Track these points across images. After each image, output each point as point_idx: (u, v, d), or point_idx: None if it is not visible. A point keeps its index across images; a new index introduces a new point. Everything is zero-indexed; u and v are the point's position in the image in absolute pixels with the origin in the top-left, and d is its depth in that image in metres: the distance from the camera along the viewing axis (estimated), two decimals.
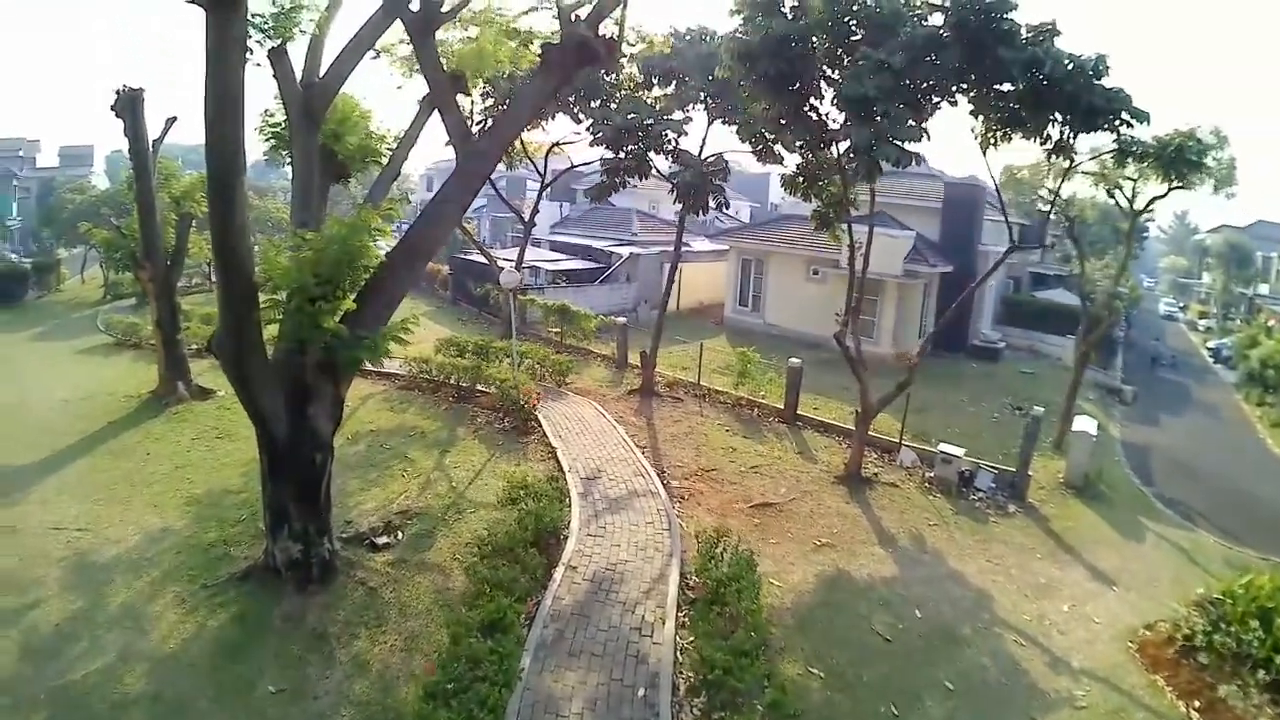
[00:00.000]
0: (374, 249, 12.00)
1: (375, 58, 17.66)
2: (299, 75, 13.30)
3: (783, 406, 22.63)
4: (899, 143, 15.06)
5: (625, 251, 41.14)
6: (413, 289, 41.99)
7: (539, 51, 13.25)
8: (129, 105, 21.43)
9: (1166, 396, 35.70)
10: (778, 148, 19.18)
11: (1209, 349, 53.38)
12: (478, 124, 28.66)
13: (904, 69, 14.98)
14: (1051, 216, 29.22)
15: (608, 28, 13.61)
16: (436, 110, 13.64)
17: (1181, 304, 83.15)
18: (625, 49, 24.30)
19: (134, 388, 24.11)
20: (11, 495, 16.32)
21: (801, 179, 18.97)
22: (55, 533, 14.66)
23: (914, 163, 15.62)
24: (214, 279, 12.56)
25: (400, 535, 14.68)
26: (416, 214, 14.73)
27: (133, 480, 17.46)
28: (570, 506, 15.73)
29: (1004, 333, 39.27)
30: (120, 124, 21.63)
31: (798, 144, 17.98)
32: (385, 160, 14.93)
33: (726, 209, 26.27)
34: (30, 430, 20.62)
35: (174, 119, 23.46)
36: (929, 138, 15.48)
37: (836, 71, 16.59)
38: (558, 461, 18.34)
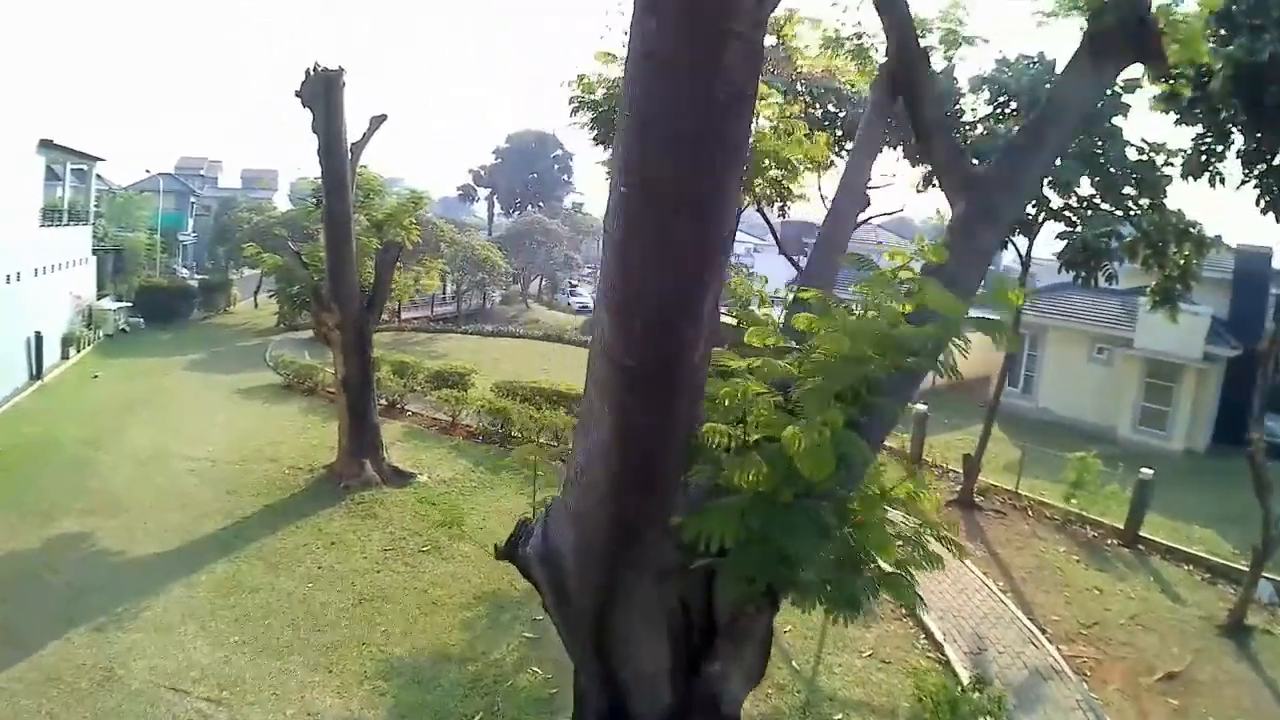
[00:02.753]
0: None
1: None
2: None
3: (1122, 526, 18.72)
4: None
5: None
6: None
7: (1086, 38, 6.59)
8: (322, 91, 15.54)
9: None
10: None
11: None
12: None
13: None
14: None
15: None
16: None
17: None
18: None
19: (304, 454, 17.87)
20: (117, 610, 11.40)
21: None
22: (172, 697, 9.68)
23: None
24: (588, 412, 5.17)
25: None
26: None
27: (295, 616, 11.57)
28: None
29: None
30: (308, 117, 15.83)
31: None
32: None
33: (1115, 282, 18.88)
34: (160, 501, 15.08)
35: (383, 117, 17.62)
36: None
37: None
38: (921, 625, 13.08)
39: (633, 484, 4.43)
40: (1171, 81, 7.84)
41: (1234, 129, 13.75)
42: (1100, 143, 16.38)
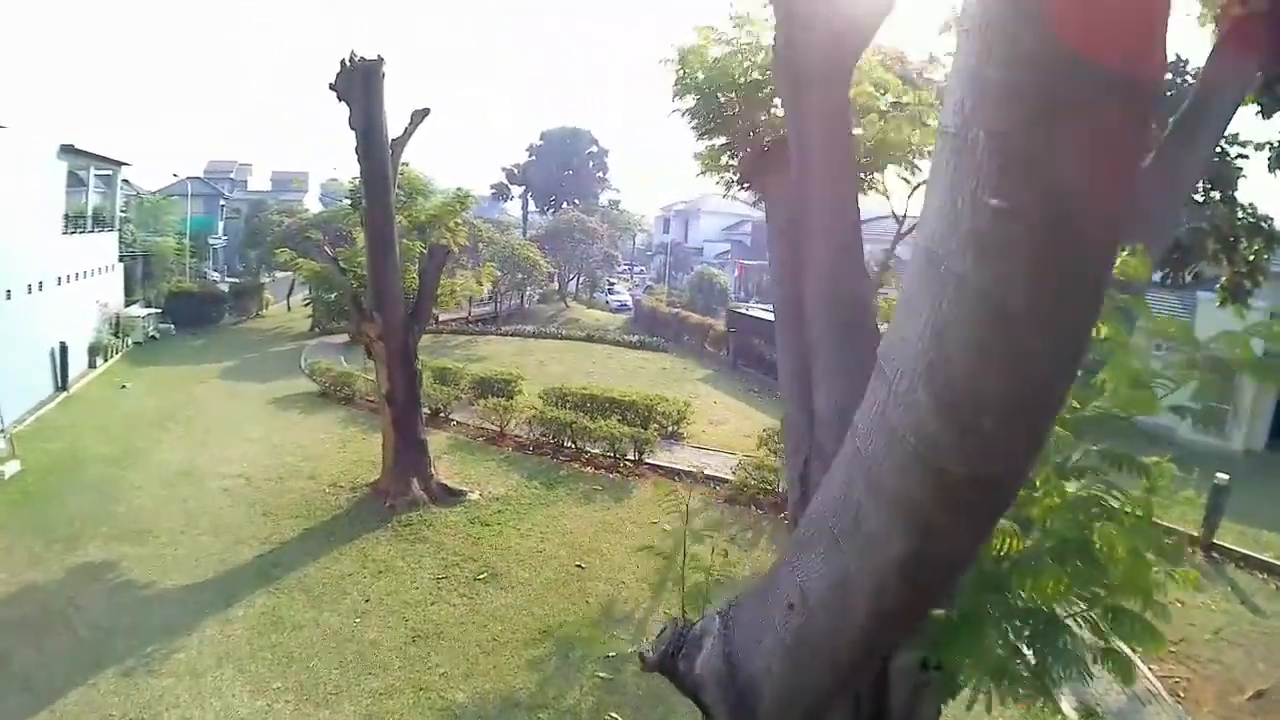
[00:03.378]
0: None
1: None
2: None
3: (1197, 533, 17.51)
4: None
5: None
6: (676, 344, 36.09)
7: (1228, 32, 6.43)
8: (361, 81, 14.20)
9: None
10: None
11: None
12: None
13: None
14: None
15: None
16: None
17: None
18: None
19: (344, 471, 16.64)
20: (146, 652, 10.24)
21: None
22: None
23: None
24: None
25: None
26: None
27: (343, 656, 10.37)
28: None
29: None
30: (344, 111, 14.48)
31: None
32: None
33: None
34: (192, 525, 13.90)
35: (425, 111, 16.09)
36: None
37: None
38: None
39: (902, 621, 3.00)
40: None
41: None
42: None
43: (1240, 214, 15.25)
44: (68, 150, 24.39)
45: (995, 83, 1.96)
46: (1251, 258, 16.23)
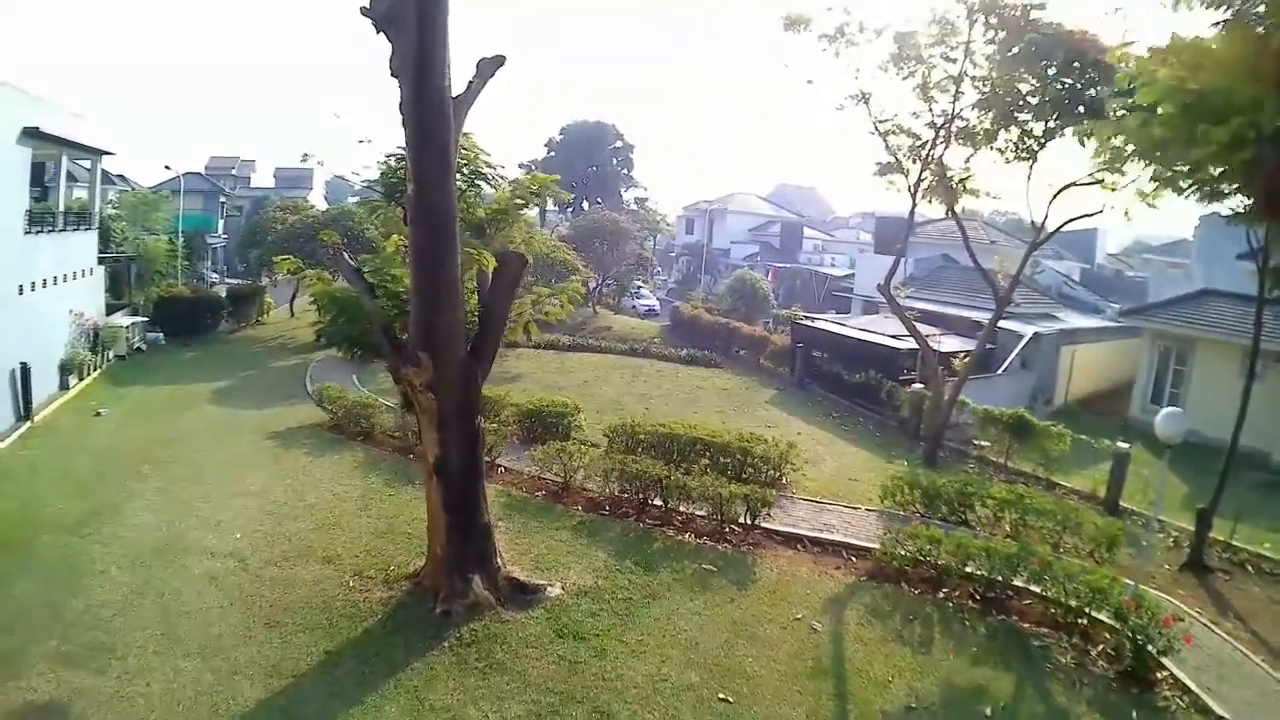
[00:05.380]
0: None
1: None
2: None
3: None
4: None
5: (1028, 330, 31.00)
6: (726, 358, 32.11)
7: None
8: (413, 2, 9.80)
9: None
10: None
11: None
12: None
13: None
14: None
15: None
16: None
17: None
18: None
19: (372, 549, 12.62)
20: None
21: None
22: None
23: None
24: None
25: None
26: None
27: None
28: None
29: None
30: (386, 47, 10.26)
31: None
32: None
33: None
34: (168, 638, 9.99)
35: (499, 60, 11.05)
36: None
37: None
38: None
39: None
40: None
41: None
42: None
43: None
44: (31, 134, 20.34)
45: None
46: None
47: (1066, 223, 19.98)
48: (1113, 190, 18.42)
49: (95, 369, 24.89)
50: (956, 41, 18.42)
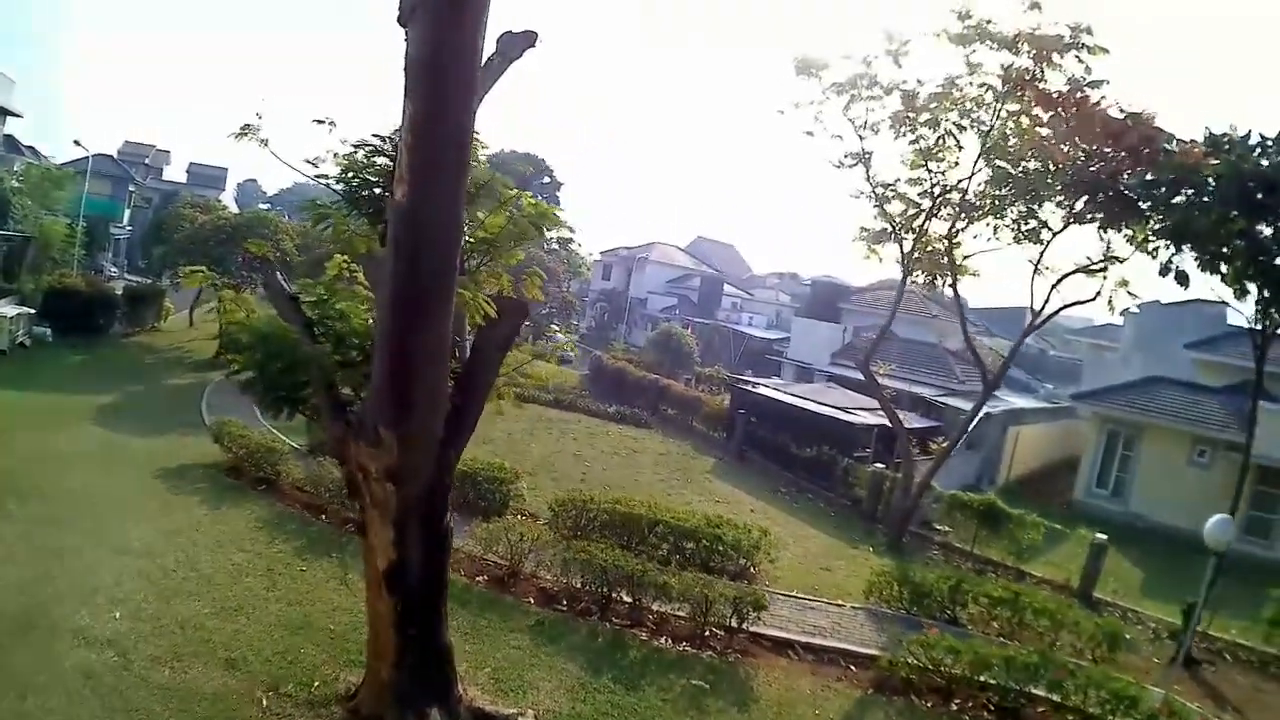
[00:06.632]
0: None
1: None
2: None
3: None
4: None
5: (973, 408, 30.33)
6: (653, 416, 30.36)
7: None
8: None
9: None
10: None
11: None
12: None
13: None
14: None
15: None
16: None
17: None
18: None
19: (285, 647, 10.00)
20: None
21: None
22: None
23: None
24: None
25: None
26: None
27: None
28: None
29: None
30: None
31: None
32: None
33: None
34: None
35: (530, 37, 8.03)
36: None
37: None
38: None
39: None
40: None
41: None
42: None
43: None
44: None
45: None
46: None
47: (1063, 308, 19.62)
48: (1105, 278, 18.34)
49: None
50: (986, 116, 17.54)
